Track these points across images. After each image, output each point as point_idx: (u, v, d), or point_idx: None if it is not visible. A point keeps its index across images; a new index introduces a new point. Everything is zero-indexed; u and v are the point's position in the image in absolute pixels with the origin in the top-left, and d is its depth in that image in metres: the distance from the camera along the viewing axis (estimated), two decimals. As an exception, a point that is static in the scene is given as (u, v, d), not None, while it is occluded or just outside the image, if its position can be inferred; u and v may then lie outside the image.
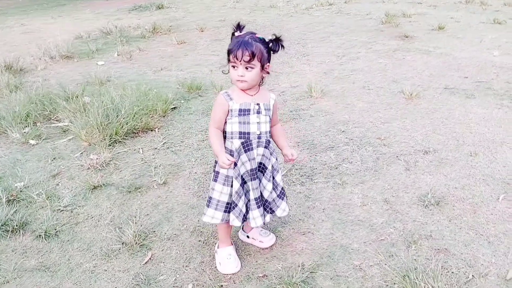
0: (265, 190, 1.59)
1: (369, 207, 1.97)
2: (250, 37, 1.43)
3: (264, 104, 1.52)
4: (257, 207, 1.56)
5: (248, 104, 1.49)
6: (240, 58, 1.40)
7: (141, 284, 1.57)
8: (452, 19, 5.76)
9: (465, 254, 1.66)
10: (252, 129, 1.50)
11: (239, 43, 1.41)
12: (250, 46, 1.40)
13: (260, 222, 1.57)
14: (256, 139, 1.51)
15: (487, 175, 2.18)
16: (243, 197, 1.55)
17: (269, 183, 1.58)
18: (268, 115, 1.53)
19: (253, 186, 1.54)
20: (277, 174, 1.62)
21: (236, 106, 1.48)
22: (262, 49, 1.43)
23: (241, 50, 1.40)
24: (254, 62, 1.42)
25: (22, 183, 2.19)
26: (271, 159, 1.58)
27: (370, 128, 2.73)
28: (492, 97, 3.15)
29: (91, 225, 1.91)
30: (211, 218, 1.58)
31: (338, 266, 1.63)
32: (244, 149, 1.51)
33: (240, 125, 1.49)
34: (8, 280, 1.61)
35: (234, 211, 1.54)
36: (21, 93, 3.12)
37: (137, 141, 2.66)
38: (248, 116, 1.49)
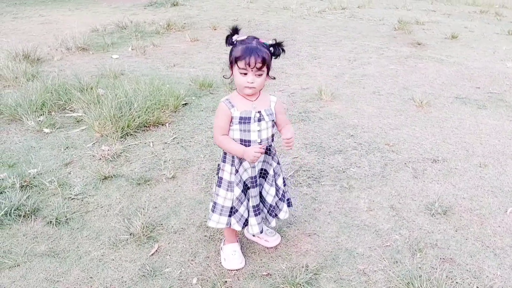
0: (268, 195, 1.60)
1: (376, 212, 1.98)
2: (257, 42, 1.42)
3: (265, 110, 1.50)
4: (254, 215, 1.56)
5: (249, 112, 1.47)
6: (253, 65, 1.38)
7: (147, 275, 1.60)
8: (466, 28, 5.72)
9: (471, 265, 1.66)
10: (253, 137, 1.48)
11: (249, 49, 1.38)
12: (260, 52, 1.39)
13: (256, 230, 1.58)
14: None
15: (496, 187, 2.17)
16: (244, 203, 1.56)
17: (271, 188, 1.59)
18: (270, 120, 1.51)
19: (252, 194, 1.54)
20: (278, 177, 1.61)
21: (237, 113, 1.46)
22: (269, 55, 1.43)
23: (254, 57, 1.37)
24: (264, 68, 1.41)
25: (35, 170, 2.24)
26: (272, 164, 1.58)
27: (379, 133, 2.73)
28: (504, 109, 3.13)
29: (101, 214, 1.95)
30: (216, 223, 1.59)
31: (342, 269, 1.64)
32: None
33: (241, 132, 1.48)
34: (18, 264, 1.65)
35: (235, 215, 1.56)
36: (37, 82, 3.19)
37: (148, 134, 2.70)
38: (249, 125, 1.47)
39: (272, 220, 1.63)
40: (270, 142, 1.54)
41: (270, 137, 1.54)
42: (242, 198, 1.55)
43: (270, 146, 1.55)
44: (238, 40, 1.43)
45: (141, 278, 1.59)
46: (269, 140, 1.53)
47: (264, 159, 1.56)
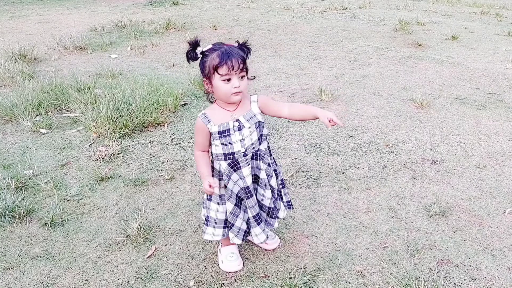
0: (265, 199, 1.55)
1: (374, 213, 1.97)
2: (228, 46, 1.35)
3: (245, 115, 1.41)
4: (257, 224, 1.53)
5: (226, 124, 1.39)
6: (236, 67, 1.31)
7: (143, 277, 1.59)
8: (467, 29, 5.71)
9: (468, 266, 1.65)
10: (236, 148, 1.41)
11: (226, 53, 1.31)
12: (236, 52, 1.33)
13: (263, 237, 1.56)
14: (242, 157, 1.43)
15: (494, 188, 2.15)
16: (240, 215, 1.51)
17: (266, 191, 1.53)
18: (254, 123, 1.42)
19: (249, 204, 1.49)
20: (271, 179, 1.54)
21: (214, 128, 1.39)
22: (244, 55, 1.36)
23: (234, 58, 1.31)
24: (245, 70, 1.36)
25: (31, 171, 2.22)
26: (262, 168, 1.50)
27: (379, 134, 2.72)
28: (503, 110, 3.11)
29: (97, 216, 1.93)
30: (211, 236, 1.55)
31: (340, 271, 1.63)
32: (232, 169, 1.45)
33: (223, 147, 1.41)
34: (12, 266, 1.63)
35: (232, 230, 1.52)
36: (34, 82, 3.17)
37: (146, 135, 2.68)
38: (229, 137, 1.39)
39: (274, 222, 1.60)
40: (257, 146, 1.45)
41: (257, 141, 1.45)
42: (236, 211, 1.50)
43: (258, 150, 1.46)
44: (205, 50, 1.36)
45: (138, 280, 1.58)
46: (255, 145, 1.44)
47: (252, 165, 1.48)
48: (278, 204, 1.61)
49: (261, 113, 1.44)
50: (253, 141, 1.43)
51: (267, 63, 4.17)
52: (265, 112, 1.46)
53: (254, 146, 1.44)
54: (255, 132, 1.43)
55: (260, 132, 1.46)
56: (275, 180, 1.57)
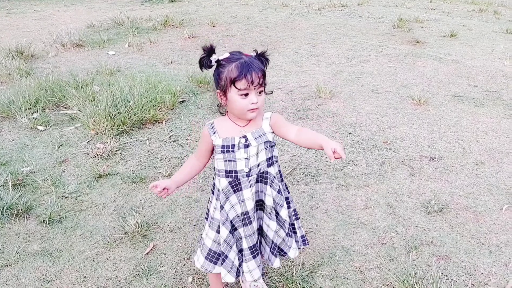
0: (269, 230, 1.35)
1: (372, 210, 1.97)
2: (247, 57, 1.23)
3: (253, 133, 1.27)
4: (253, 258, 1.33)
5: (232, 139, 1.26)
6: (256, 82, 1.19)
7: (142, 274, 1.59)
8: (465, 27, 5.71)
9: (466, 262, 1.66)
10: (239, 167, 1.27)
11: (246, 65, 1.19)
12: (257, 65, 1.21)
13: (257, 274, 1.35)
14: (245, 178, 1.28)
15: (491, 184, 2.16)
16: (234, 247, 1.33)
17: (272, 222, 1.34)
18: (262, 142, 1.27)
19: (246, 232, 1.31)
20: (282, 209, 1.34)
21: (219, 141, 1.27)
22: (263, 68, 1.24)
23: (255, 72, 1.19)
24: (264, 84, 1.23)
25: (28, 168, 2.22)
26: (271, 194, 1.32)
27: (377, 131, 2.72)
28: (501, 107, 3.12)
29: (95, 213, 1.93)
30: (196, 260, 1.40)
31: (338, 267, 1.63)
32: (232, 189, 1.29)
33: (225, 162, 1.27)
34: (10, 263, 1.63)
35: (225, 264, 1.33)
36: (31, 79, 3.15)
37: (144, 132, 2.68)
38: (234, 153, 1.26)
39: (275, 260, 1.37)
40: (263, 168, 1.30)
41: (264, 163, 1.29)
42: (231, 241, 1.32)
43: (265, 172, 1.31)
44: (221, 59, 1.23)
45: (136, 277, 1.58)
46: (261, 166, 1.29)
47: (257, 189, 1.31)
48: (289, 241, 1.39)
49: (272, 132, 1.30)
50: (259, 162, 1.29)
51: (266, 60, 4.16)
52: (275, 131, 1.31)
53: (261, 167, 1.29)
54: (264, 152, 1.29)
55: (271, 154, 1.31)
56: (286, 211, 1.35)
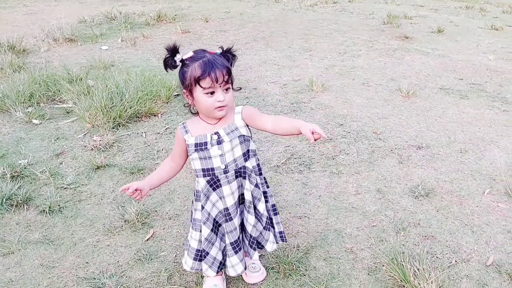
0: (248, 224, 1.37)
1: (363, 195, 2.06)
2: (209, 55, 1.22)
3: (225, 128, 1.27)
4: (234, 253, 1.36)
5: (204, 137, 1.27)
6: (221, 80, 1.19)
7: (143, 259, 1.64)
8: (452, 23, 5.86)
9: (450, 241, 1.76)
10: (216, 164, 1.27)
11: (209, 63, 1.18)
12: (220, 62, 1.20)
13: (240, 269, 1.38)
14: (222, 175, 1.29)
15: (475, 170, 2.27)
16: (216, 244, 1.36)
17: (250, 216, 1.36)
18: (235, 137, 1.28)
19: (227, 228, 1.33)
20: (259, 202, 1.37)
21: (191, 140, 1.27)
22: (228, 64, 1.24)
23: (219, 70, 1.18)
24: (230, 80, 1.24)
25: (26, 160, 2.24)
26: (249, 188, 1.34)
27: (367, 122, 2.81)
28: (485, 99, 3.25)
29: (94, 202, 1.97)
30: (184, 262, 1.42)
31: (331, 248, 1.71)
32: (211, 187, 1.30)
33: (201, 161, 1.27)
34: (12, 251, 1.66)
35: (206, 260, 1.36)
36: (24, 73, 3.15)
37: (140, 125, 2.71)
38: (208, 151, 1.26)
39: (253, 253, 1.42)
40: (241, 163, 1.30)
41: (241, 157, 1.30)
42: (212, 238, 1.35)
43: (243, 167, 1.31)
44: (185, 58, 1.21)
45: (137, 262, 1.63)
46: (238, 161, 1.29)
47: (238, 184, 1.32)
48: (266, 234, 1.42)
49: (245, 126, 1.30)
50: (235, 157, 1.29)
51: (259, 55, 4.22)
52: (250, 124, 1.32)
53: (238, 162, 1.30)
54: (239, 147, 1.29)
55: (246, 148, 1.31)
56: (264, 205, 1.39)
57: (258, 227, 1.40)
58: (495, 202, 2.01)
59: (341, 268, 1.61)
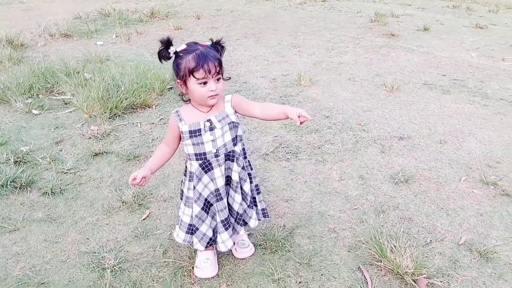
0: (235, 202, 1.51)
1: (346, 181, 2.20)
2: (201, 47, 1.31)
3: (217, 116, 1.39)
4: (225, 229, 1.49)
5: (197, 124, 1.37)
6: (213, 71, 1.29)
7: (140, 235, 1.77)
8: (438, 21, 6.05)
9: (426, 223, 1.90)
10: (208, 149, 1.39)
11: (202, 56, 1.28)
12: (213, 54, 1.30)
13: (230, 244, 1.51)
14: (213, 158, 1.41)
15: (452, 160, 2.43)
16: (207, 221, 1.48)
17: (237, 195, 1.50)
18: (226, 124, 1.40)
19: (219, 207, 1.46)
20: (245, 183, 1.50)
21: (185, 128, 1.38)
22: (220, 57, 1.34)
23: (211, 62, 1.29)
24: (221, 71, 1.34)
25: (27, 147, 2.35)
26: (236, 169, 1.47)
27: (352, 115, 2.96)
28: (466, 94, 3.42)
29: (93, 186, 2.09)
30: (176, 236, 1.55)
31: (315, 228, 1.85)
32: (203, 170, 1.42)
33: (194, 146, 1.39)
34: (18, 228, 1.78)
35: (196, 234, 1.49)
36: (23, 66, 3.24)
37: (135, 116, 2.83)
38: (201, 137, 1.38)
39: (240, 229, 1.56)
40: (230, 148, 1.43)
41: (230, 142, 1.42)
42: (203, 216, 1.47)
43: (232, 151, 1.44)
44: (178, 50, 1.31)
45: (134, 238, 1.75)
46: (228, 146, 1.42)
47: (226, 166, 1.45)
48: (250, 212, 1.56)
49: (235, 113, 1.42)
50: (225, 142, 1.41)
51: (249, 50, 4.35)
52: (239, 111, 1.43)
53: (227, 147, 1.42)
54: (229, 133, 1.41)
55: (235, 134, 1.43)
56: (249, 185, 1.52)
57: (243, 206, 1.53)
58: (470, 189, 2.16)
59: (323, 246, 1.74)
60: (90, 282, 1.51)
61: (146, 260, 1.63)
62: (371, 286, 1.55)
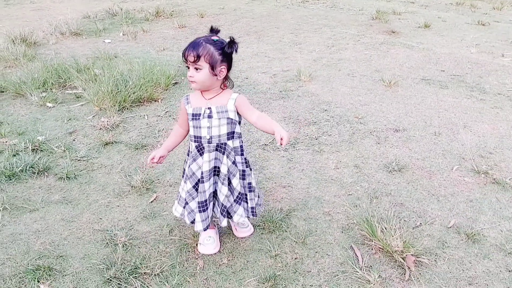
0: (221, 194, 1.59)
1: (342, 170, 2.32)
2: (204, 39, 1.42)
3: (217, 107, 1.48)
4: (198, 211, 1.57)
5: (199, 109, 1.49)
6: (191, 60, 1.41)
7: (148, 216, 1.91)
8: (440, 18, 6.11)
9: (417, 208, 2.00)
10: (203, 133, 1.50)
11: (190, 44, 1.42)
12: (197, 47, 1.40)
13: (200, 227, 1.58)
14: (206, 143, 1.51)
15: (446, 150, 2.53)
16: (197, 199, 1.58)
17: (224, 187, 1.57)
18: (224, 117, 1.49)
19: (201, 189, 1.55)
20: (234, 178, 1.58)
21: (190, 110, 1.50)
22: (211, 51, 1.40)
23: (188, 50, 1.40)
24: (200, 63, 1.40)
25: (43, 137, 2.51)
26: (226, 163, 1.55)
27: (350, 108, 3.07)
28: (464, 89, 3.50)
29: (105, 172, 2.24)
30: (174, 209, 1.69)
31: (311, 211, 1.98)
32: (198, 152, 1.54)
33: (194, 129, 1.51)
34: (37, 208, 1.93)
35: (186, 208, 1.61)
36: (37, 62, 3.41)
37: (142, 109, 2.98)
38: (199, 121, 1.49)
39: (223, 220, 1.63)
40: (223, 140, 1.52)
41: (225, 135, 1.52)
42: (193, 193, 1.58)
43: (224, 144, 1.53)
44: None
45: (143, 218, 1.90)
46: (221, 138, 1.52)
47: (215, 156, 1.54)
48: (236, 207, 1.63)
49: (235, 111, 1.50)
50: (220, 134, 1.50)
51: (251, 47, 4.48)
52: (239, 111, 1.52)
53: (221, 138, 1.51)
54: (225, 126, 1.49)
55: (232, 129, 1.52)
56: (239, 181, 1.59)
57: (230, 199, 1.62)
58: (462, 177, 2.25)
59: (318, 227, 1.87)
60: (104, 256, 1.66)
61: (154, 238, 1.77)
62: (361, 262, 1.67)
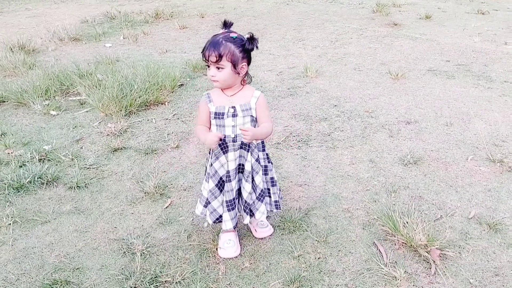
0: (244, 191, 1.59)
1: (357, 165, 2.28)
2: (223, 37, 1.40)
3: (242, 105, 1.48)
4: (227, 210, 1.57)
5: (222, 108, 1.48)
6: (207, 58, 1.41)
7: (164, 222, 1.86)
8: (439, 9, 6.07)
9: (436, 200, 1.97)
10: (227, 132, 1.49)
11: (209, 43, 1.40)
12: (218, 46, 1.38)
13: (230, 225, 1.59)
14: (231, 142, 1.51)
15: (459, 140, 2.49)
16: (219, 198, 1.58)
17: (247, 184, 1.57)
18: (249, 115, 1.49)
19: (227, 188, 1.55)
20: (257, 175, 1.58)
21: (213, 109, 1.49)
22: (232, 49, 1.40)
23: (209, 50, 1.39)
24: (223, 63, 1.40)
25: (49, 146, 2.45)
26: (250, 160, 1.55)
27: (360, 103, 3.03)
28: (470, 78, 3.47)
29: (116, 179, 2.19)
30: (196, 208, 1.69)
31: (330, 209, 1.93)
32: (222, 151, 1.53)
33: (216, 127, 1.50)
34: (48, 220, 1.88)
35: (208, 207, 1.61)
36: (38, 70, 3.35)
37: (149, 112, 2.93)
38: (223, 120, 1.48)
39: (245, 218, 1.64)
40: None
41: None
42: (216, 192, 1.57)
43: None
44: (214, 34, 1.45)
45: (159, 225, 1.85)
46: None
47: (240, 154, 1.55)
48: (258, 204, 1.62)
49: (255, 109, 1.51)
50: None
51: (255, 46, 4.42)
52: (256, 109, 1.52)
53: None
54: (249, 124, 1.50)
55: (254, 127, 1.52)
56: (261, 177, 1.59)
57: (252, 197, 1.62)
58: (477, 167, 2.23)
59: (339, 224, 1.83)
60: (122, 266, 1.61)
61: (172, 244, 1.72)
62: (386, 259, 1.63)
